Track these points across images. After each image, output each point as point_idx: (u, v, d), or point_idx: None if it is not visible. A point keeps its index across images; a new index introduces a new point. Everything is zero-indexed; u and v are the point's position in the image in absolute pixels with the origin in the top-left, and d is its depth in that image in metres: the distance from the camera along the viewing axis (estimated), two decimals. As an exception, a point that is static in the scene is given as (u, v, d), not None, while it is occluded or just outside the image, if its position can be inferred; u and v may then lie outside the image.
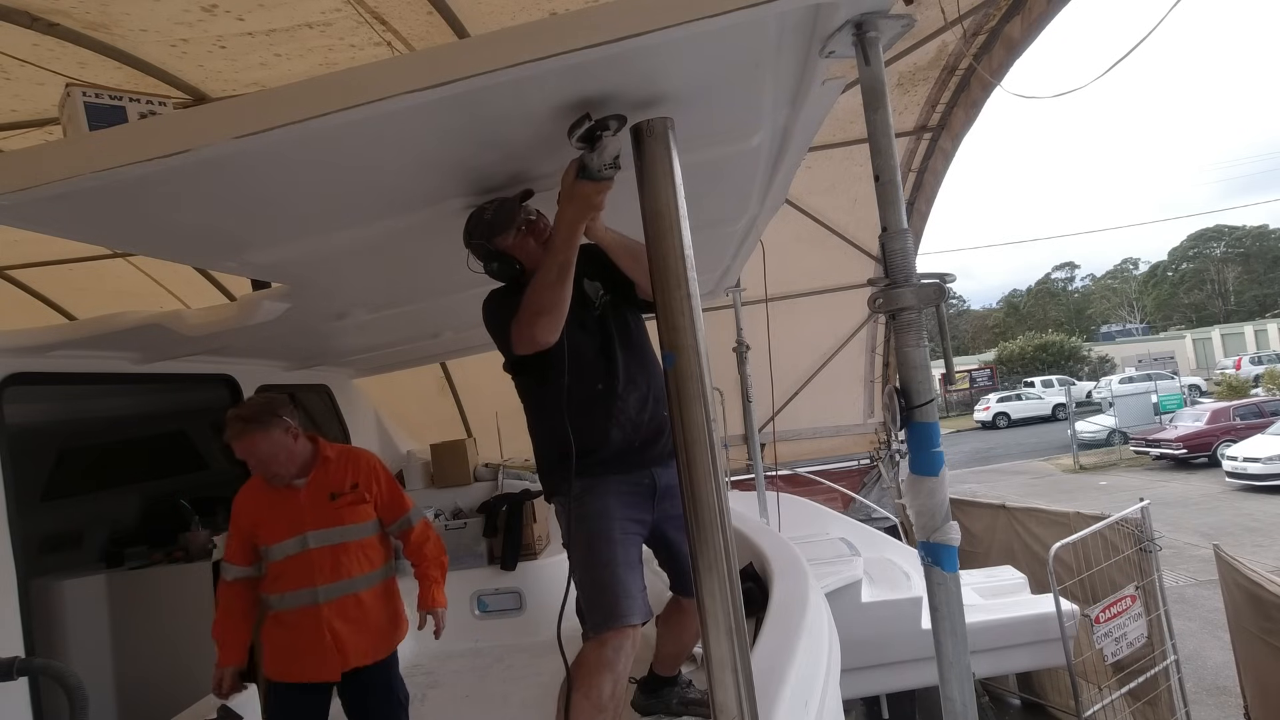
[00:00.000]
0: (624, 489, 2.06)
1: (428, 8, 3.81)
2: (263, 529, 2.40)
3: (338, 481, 2.46)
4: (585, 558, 2.01)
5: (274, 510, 2.40)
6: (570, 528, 2.06)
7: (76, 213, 1.42)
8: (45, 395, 3.23)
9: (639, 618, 1.96)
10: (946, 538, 1.37)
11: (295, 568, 2.37)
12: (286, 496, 2.41)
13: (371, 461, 2.60)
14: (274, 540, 2.39)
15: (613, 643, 1.92)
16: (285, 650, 2.38)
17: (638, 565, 2.05)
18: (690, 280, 1.30)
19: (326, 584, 2.36)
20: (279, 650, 2.40)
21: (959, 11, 4.76)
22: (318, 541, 2.38)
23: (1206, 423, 19.07)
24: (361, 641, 2.42)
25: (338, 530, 2.41)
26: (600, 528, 2.02)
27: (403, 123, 1.30)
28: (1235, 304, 52.12)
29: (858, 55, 1.39)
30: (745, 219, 2.82)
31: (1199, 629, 8.69)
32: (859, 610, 4.51)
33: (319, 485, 2.44)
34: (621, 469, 2.06)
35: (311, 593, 2.36)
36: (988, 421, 30.86)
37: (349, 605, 2.40)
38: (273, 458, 2.34)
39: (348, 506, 2.44)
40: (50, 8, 3.46)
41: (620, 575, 1.97)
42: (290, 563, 2.37)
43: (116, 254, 5.79)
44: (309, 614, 2.35)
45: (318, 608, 2.35)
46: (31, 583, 2.49)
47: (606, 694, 1.89)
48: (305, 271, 2.18)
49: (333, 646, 2.35)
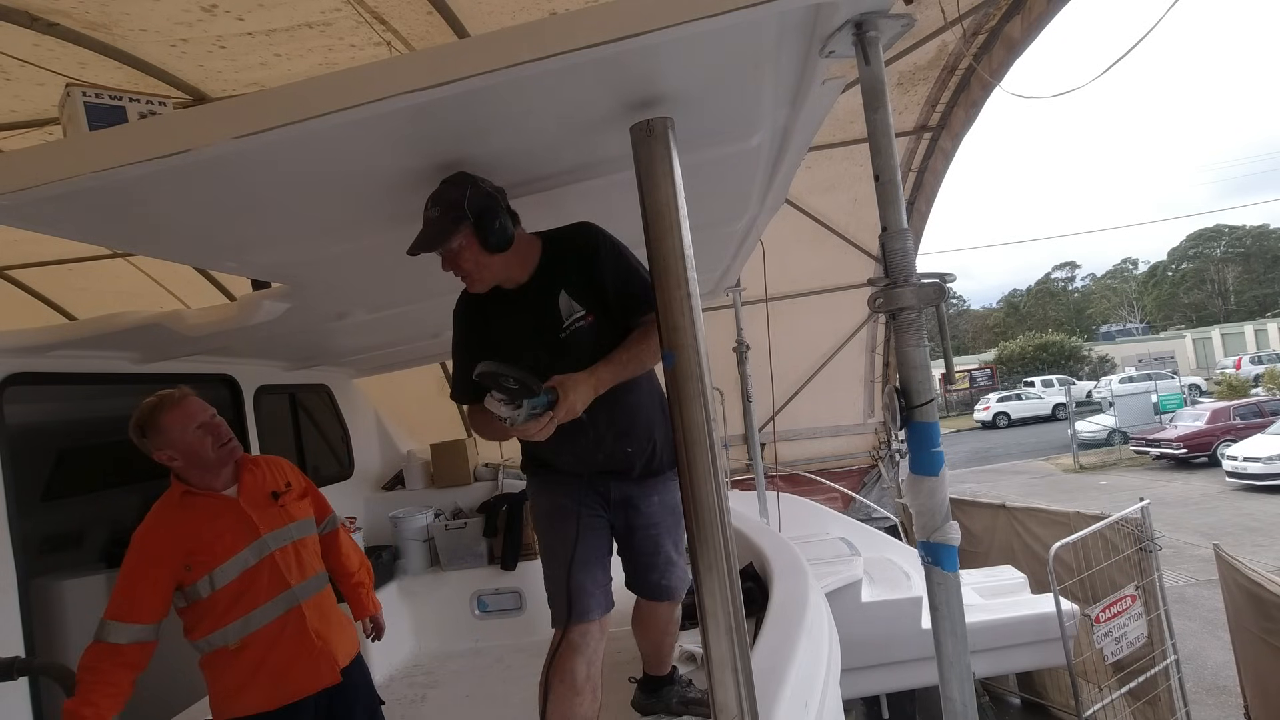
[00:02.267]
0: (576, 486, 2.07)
1: (428, 8, 3.81)
2: (203, 552, 2.00)
3: (273, 481, 2.22)
4: (544, 555, 2.10)
5: (214, 526, 2.03)
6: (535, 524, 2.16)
7: (76, 213, 1.43)
8: (45, 395, 3.22)
9: (598, 614, 2.00)
10: (946, 537, 1.37)
11: (260, 578, 2.07)
12: (222, 509, 2.07)
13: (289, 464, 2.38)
14: (225, 557, 2.02)
15: (577, 631, 1.97)
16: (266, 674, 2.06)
17: (595, 560, 2.06)
18: (690, 280, 1.30)
19: (300, 583, 2.13)
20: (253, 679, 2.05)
21: (959, 11, 4.76)
22: (277, 542, 2.12)
23: (1206, 422, 19.06)
24: (342, 640, 2.23)
25: (294, 527, 2.19)
26: (554, 525, 2.07)
27: (402, 122, 1.30)
28: (1235, 304, 52.12)
29: (858, 55, 1.39)
30: (745, 219, 2.82)
31: (1199, 629, 8.69)
32: (859, 610, 4.52)
33: (255, 488, 2.16)
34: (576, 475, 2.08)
35: (288, 596, 2.10)
36: (988, 421, 30.85)
37: (323, 603, 2.20)
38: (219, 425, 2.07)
39: (293, 503, 2.23)
40: (50, 8, 3.46)
41: (576, 575, 1.99)
42: (251, 575, 2.05)
43: (116, 254, 5.79)
44: (290, 620, 2.10)
45: (299, 609, 2.11)
46: (31, 583, 2.49)
47: (581, 676, 1.94)
48: (305, 271, 2.19)
49: (322, 648, 2.13)
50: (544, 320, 1.91)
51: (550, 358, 1.87)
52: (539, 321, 1.91)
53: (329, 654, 2.15)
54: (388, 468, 4.82)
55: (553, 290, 1.91)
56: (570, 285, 1.90)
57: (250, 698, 2.06)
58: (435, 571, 4.15)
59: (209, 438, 2.03)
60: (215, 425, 2.06)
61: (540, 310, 1.91)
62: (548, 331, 1.90)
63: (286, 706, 2.08)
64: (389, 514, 4.24)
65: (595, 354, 1.89)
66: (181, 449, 2.00)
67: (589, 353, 1.88)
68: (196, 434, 2.02)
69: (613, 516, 2.12)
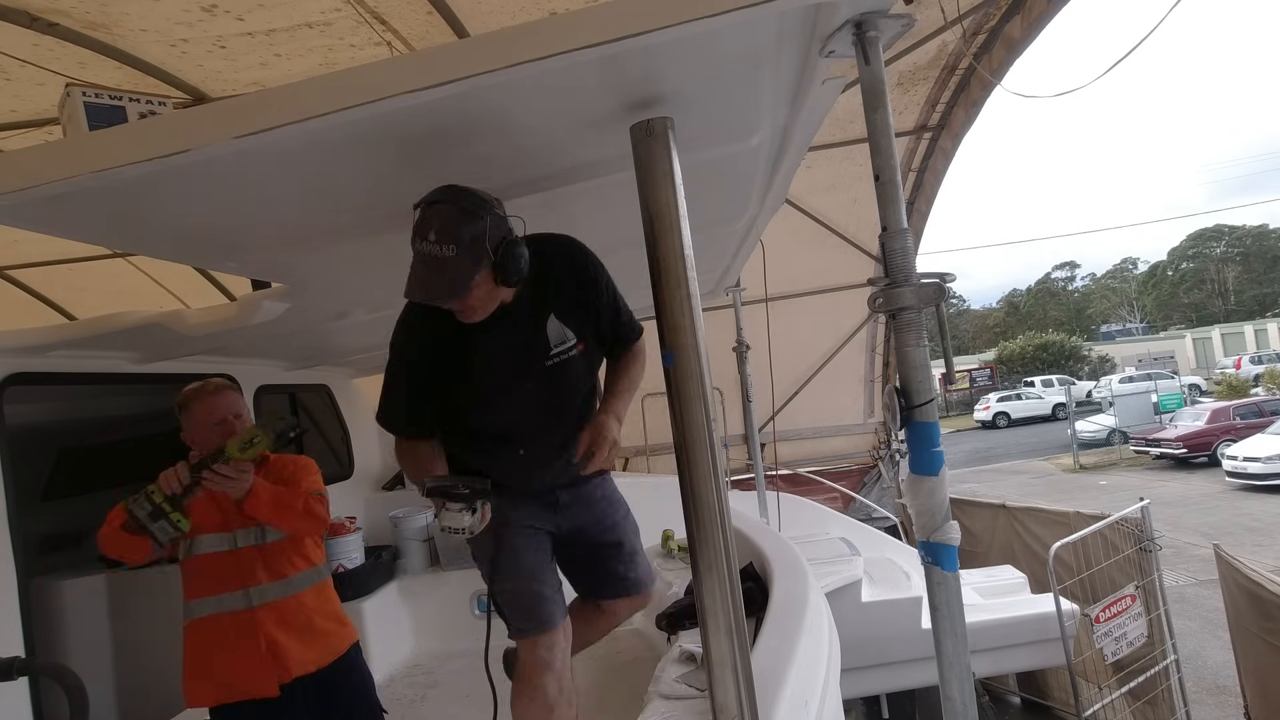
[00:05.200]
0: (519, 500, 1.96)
1: (428, 8, 3.81)
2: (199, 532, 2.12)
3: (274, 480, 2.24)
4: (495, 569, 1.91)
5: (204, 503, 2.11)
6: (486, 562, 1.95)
7: (76, 213, 1.43)
8: (45, 395, 3.22)
9: (560, 618, 1.94)
10: (946, 537, 1.37)
11: (223, 568, 2.13)
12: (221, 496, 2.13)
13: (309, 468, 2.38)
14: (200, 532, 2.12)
15: (544, 643, 1.89)
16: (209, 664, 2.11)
17: (550, 569, 2.01)
18: (690, 280, 1.30)
19: (262, 584, 2.14)
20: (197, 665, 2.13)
21: (959, 11, 4.76)
22: (246, 540, 2.16)
23: (1206, 422, 19.05)
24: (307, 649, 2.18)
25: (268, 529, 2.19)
26: (502, 539, 1.89)
27: (403, 122, 1.30)
28: (1235, 304, 52.11)
29: (858, 55, 1.39)
30: (745, 219, 2.82)
31: (1199, 629, 8.68)
32: (859, 610, 4.51)
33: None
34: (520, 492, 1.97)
35: (244, 595, 2.12)
36: (988, 421, 30.84)
37: (291, 607, 2.17)
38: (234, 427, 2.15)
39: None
40: (50, 8, 3.46)
41: (535, 585, 1.93)
42: (215, 561, 2.13)
43: (116, 254, 5.79)
44: (241, 620, 2.10)
45: (253, 612, 2.11)
46: (31, 583, 2.49)
47: (553, 692, 1.86)
48: (305, 271, 2.19)
49: (269, 656, 2.10)
50: (531, 346, 1.77)
51: (537, 387, 1.79)
52: (526, 347, 1.77)
53: (277, 663, 2.12)
54: (388, 468, 4.82)
55: (540, 312, 1.77)
56: (560, 308, 1.78)
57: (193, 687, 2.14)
58: (435, 571, 4.15)
59: (221, 437, 2.12)
60: (232, 425, 2.17)
61: (527, 334, 1.77)
62: (535, 359, 1.78)
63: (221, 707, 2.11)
64: (389, 514, 4.24)
65: (580, 383, 1.85)
66: (197, 437, 2.16)
67: (575, 382, 1.84)
68: (214, 429, 2.14)
69: (561, 521, 2.02)
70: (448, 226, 1.49)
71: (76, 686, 1.68)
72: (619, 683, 3.21)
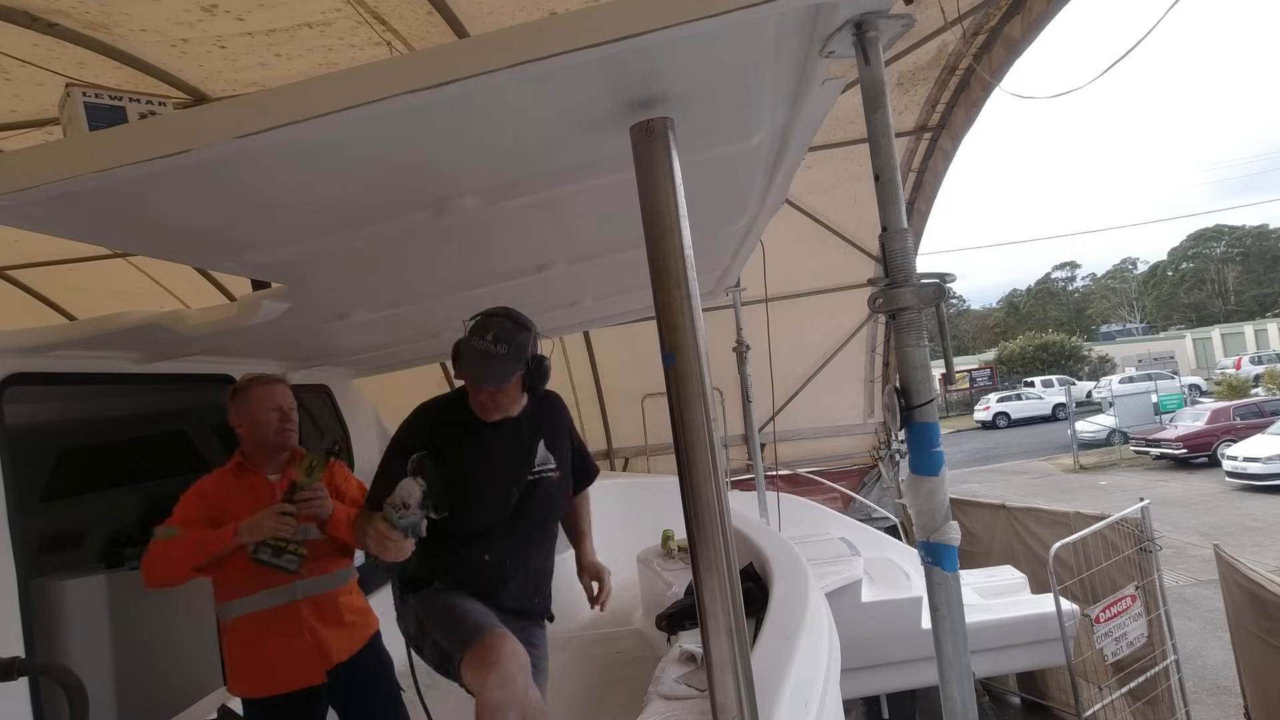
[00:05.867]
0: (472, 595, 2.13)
1: (428, 8, 3.81)
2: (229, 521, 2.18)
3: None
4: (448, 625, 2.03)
5: (245, 503, 2.22)
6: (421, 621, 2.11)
7: (76, 213, 1.42)
8: (45, 395, 3.22)
9: (498, 628, 1.98)
10: (946, 537, 1.37)
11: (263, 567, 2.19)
12: (259, 490, 2.28)
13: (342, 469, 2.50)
14: None
15: (486, 644, 1.91)
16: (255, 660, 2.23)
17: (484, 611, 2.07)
18: (690, 280, 1.30)
19: (306, 579, 2.24)
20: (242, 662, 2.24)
21: (959, 11, 4.76)
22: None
23: (1206, 422, 19.07)
24: (346, 638, 2.34)
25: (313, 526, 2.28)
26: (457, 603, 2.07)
27: (403, 122, 1.30)
28: (1235, 304, 52.11)
29: (858, 55, 1.39)
30: (745, 219, 2.82)
31: (1199, 629, 8.68)
32: (859, 610, 4.51)
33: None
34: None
35: (290, 589, 2.23)
36: (988, 421, 30.85)
37: (331, 601, 2.31)
38: (290, 414, 2.32)
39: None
40: (50, 8, 3.46)
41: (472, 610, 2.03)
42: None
43: (116, 254, 5.80)
44: (288, 614, 2.22)
45: (297, 605, 2.23)
46: (31, 583, 2.49)
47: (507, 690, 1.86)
48: (305, 271, 2.18)
49: (313, 647, 2.24)
50: (522, 457, 2.12)
51: (516, 494, 2.10)
52: (518, 457, 2.12)
53: (321, 653, 2.26)
54: (388, 468, 4.81)
55: (535, 435, 2.14)
56: (547, 438, 2.17)
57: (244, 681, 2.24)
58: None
59: (277, 421, 2.29)
60: (287, 413, 2.33)
61: (521, 446, 2.12)
62: (521, 468, 2.12)
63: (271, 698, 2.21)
64: (389, 514, 4.23)
65: (553, 506, 2.20)
66: (251, 421, 2.29)
67: (548, 503, 2.17)
68: (270, 414, 2.29)
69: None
70: (503, 333, 1.90)
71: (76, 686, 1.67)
72: (619, 683, 3.21)
